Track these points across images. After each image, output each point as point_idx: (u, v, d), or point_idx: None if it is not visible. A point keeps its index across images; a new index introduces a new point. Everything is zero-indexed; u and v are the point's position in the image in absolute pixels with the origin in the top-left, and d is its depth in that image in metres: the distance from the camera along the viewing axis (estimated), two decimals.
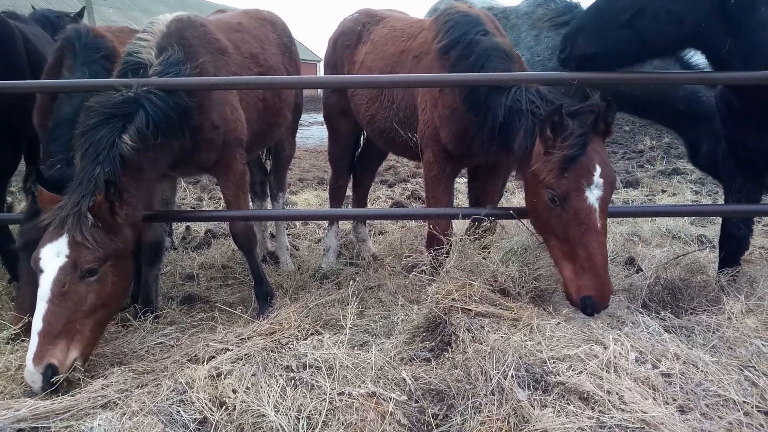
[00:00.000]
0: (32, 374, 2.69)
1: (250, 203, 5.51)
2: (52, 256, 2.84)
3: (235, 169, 3.90)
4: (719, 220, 5.90)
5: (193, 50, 3.60)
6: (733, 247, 4.00)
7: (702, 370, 2.57)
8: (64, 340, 2.78)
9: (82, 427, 2.28)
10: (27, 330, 3.13)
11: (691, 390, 2.45)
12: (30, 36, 4.76)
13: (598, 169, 2.95)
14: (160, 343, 3.37)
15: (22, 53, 4.42)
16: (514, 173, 3.96)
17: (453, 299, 3.01)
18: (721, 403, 2.41)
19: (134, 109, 3.13)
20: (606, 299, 2.94)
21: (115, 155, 3.02)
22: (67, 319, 2.80)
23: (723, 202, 4.27)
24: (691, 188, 8.16)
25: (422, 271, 3.58)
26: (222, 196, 4.03)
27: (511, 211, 3.60)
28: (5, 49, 4.27)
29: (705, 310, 3.40)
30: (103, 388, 2.67)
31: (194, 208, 7.48)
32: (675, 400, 2.40)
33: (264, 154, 5.62)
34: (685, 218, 6.07)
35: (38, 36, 5.02)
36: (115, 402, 2.54)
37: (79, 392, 2.67)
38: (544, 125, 3.03)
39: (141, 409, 2.37)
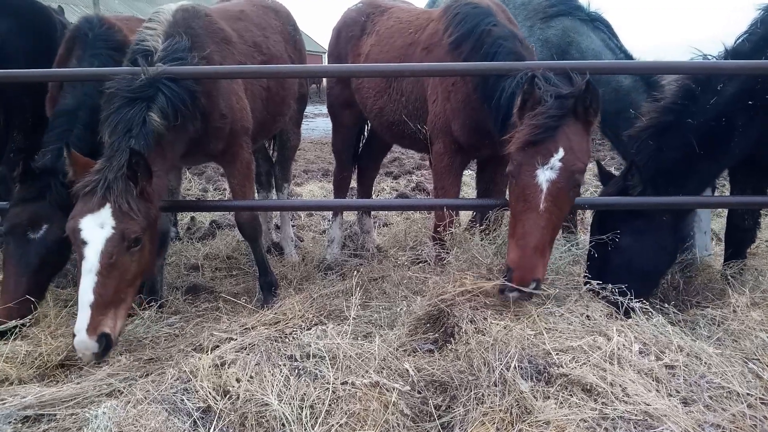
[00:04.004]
0: (86, 343, 2.75)
1: (256, 193, 5.51)
2: (96, 228, 2.85)
3: (242, 158, 3.93)
4: (725, 212, 5.86)
5: (199, 40, 3.61)
6: (738, 239, 3.98)
7: (706, 362, 2.56)
8: (113, 309, 2.86)
9: (87, 415, 2.29)
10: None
11: (695, 382, 2.44)
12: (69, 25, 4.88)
13: (560, 153, 2.85)
14: (165, 332, 3.39)
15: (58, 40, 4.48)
16: None
17: (450, 293, 3.00)
18: (725, 395, 2.40)
19: (153, 92, 3.19)
20: (524, 280, 2.82)
21: (148, 131, 3.08)
22: (115, 290, 2.86)
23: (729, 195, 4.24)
24: None
25: (424, 261, 3.57)
26: (228, 186, 4.04)
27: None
28: (44, 33, 4.37)
29: (710, 304, 3.39)
30: (108, 376, 2.69)
31: (200, 198, 7.49)
32: (678, 392, 2.40)
33: (269, 145, 5.62)
34: None
35: None
36: (119, 390, 2.57)
37: (85, 380, 2.69)
38: (518, 95, 2.99)
39: (145, 398, 2.38)
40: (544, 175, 2.87)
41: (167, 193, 4.08)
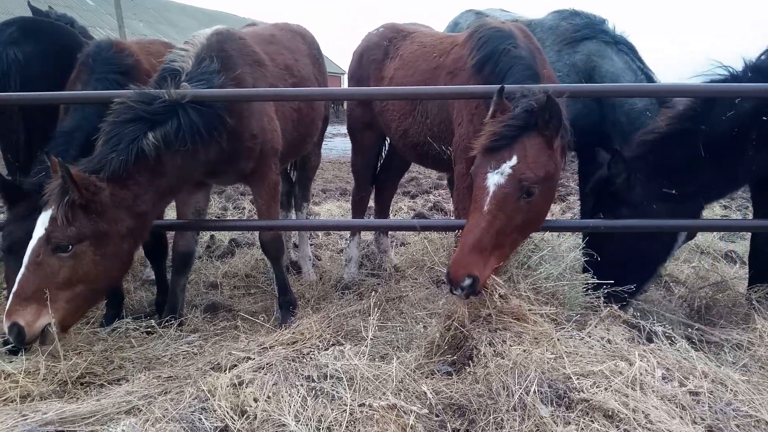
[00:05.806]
0: (2, 327, 2.95)
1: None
2: (40, 226, 3.02)
3: (270, 178, 3.99)
4: (749, 235, 5.79)
5: (231, 62, 3.69)
6: (762, 262, 3.91)
7: (732, 389, 2.50)
8: (35, 305, 2.93)
9: None
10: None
11: (721, 409, 2.38)
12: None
13: (513, 161, 2.99)
14: (184, 350, 3.41)
15: None
16: None
17: (462, 314, 2.99)
18: (753, 423, 2.34)
19: (168, 117, 3.23)
20: (456, 275, 2.88)
21: (134, 149, 3.12)
22: (37, 287, 2.94)
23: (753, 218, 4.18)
24: (720, 203, 7.99)
25: (442, 282, 3.56)
26: (254, 205, 4.10)
27: None
28: (68, 56, 4.36)
29: (735, 328, 3.32)
30: (127, 394, 2.71)
31: (219, 217, 7.58)
32: (704, 419, 2.34)
33: (289, 166, 5.68)
34: (714, 233, 5.95)
35: None
36: (138, 408, 2.58)
37: (105, 397, 2.71)
38: (491, 105, 3.16)
39: (164, 416, 2.39)
40: (493, 179, 3.02)
41: (195, 213, 4.14)
